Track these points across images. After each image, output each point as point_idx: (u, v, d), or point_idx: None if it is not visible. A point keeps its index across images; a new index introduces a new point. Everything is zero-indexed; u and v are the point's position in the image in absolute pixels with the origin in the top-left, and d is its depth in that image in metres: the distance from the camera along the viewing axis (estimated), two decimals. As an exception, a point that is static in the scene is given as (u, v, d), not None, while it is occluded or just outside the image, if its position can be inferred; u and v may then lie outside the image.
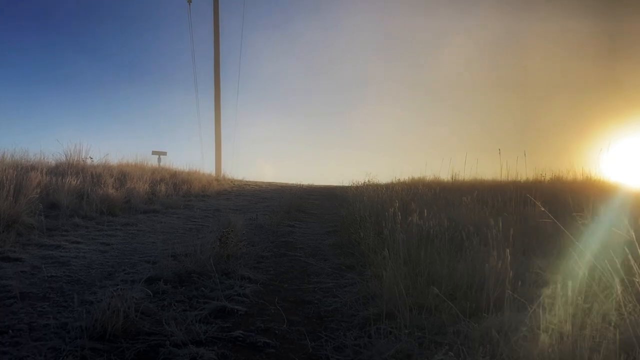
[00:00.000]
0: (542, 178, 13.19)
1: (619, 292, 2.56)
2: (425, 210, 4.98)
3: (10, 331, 3.02)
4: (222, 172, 20.61)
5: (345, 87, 35.56)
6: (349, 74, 35.16)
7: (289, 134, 35.64)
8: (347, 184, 20.39)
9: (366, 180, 18.99)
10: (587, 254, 3.05)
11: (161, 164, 19.07)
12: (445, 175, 16.87)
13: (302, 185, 20.28)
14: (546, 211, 4.22)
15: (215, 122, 21.41)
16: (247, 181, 19.80)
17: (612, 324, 2.50)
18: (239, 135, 29.12)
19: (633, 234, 2.82)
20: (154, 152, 19.81)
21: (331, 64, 35.54)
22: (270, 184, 19.80)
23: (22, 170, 8.47)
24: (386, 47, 33.22)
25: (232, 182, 18.20)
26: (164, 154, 19.99)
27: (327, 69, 35.75)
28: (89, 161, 14.27)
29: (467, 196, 7.55)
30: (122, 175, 12.24)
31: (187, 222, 8.36)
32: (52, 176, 8.99)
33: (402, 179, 18.22)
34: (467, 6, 28.31)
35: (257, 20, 32.39)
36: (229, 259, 5.10)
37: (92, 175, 10.75)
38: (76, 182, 9.25)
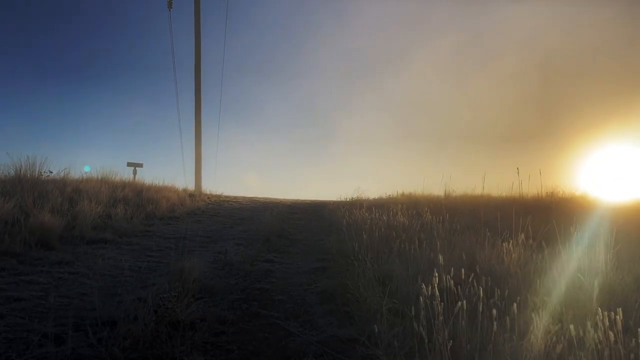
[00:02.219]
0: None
1: None
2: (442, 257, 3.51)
3: None
4: (201, 185, 18.98)
5: (329, 99, 34.25)
6: (334, 86, 33.86)
7: (272, 147, 34.12)
8: (333, 199, 19.03)
9: (354, 196, 17.69)
10: None
11: (137, 176, 17.52)
12: (432, 189, 15.83)
13: (286, 200, 18.74)
14: None
15: (196, 133, 19.73)
16: (226, 196, 18.17)
17: None
18: (222, 148, 27.52)
19: None
20: (129, 164, 18.22)
21: (317, 73, 34.24)
22: (252, 199, 18.20)
23: None
24: (374, 60, 32.03)
25: (209, 198, 16.56)
26: (140, 165, 18.36)
27: (312, 80, 34.43)
28: (45, 176, 12.75)
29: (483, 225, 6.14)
30: (76, 193, 10.58)
31: (140, 256, 6.75)
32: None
33: (392, 195, 16.95)
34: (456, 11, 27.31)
35: (239, 31, 30.93)
36: (175, 330, 3.56)
37: (38, 195, 9.09)
38: (9, 205, 7.61)
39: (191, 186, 18.48)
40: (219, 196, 17.81)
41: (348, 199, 17.33)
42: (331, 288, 5.08)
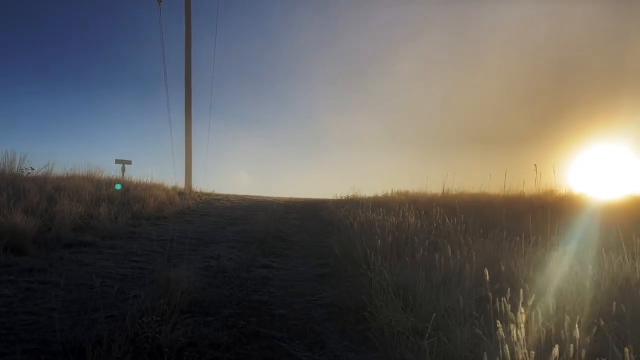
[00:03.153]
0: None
1: None
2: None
3: None
4: (192, 183, 18.24)
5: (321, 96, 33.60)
6: (319, 83, 33.21)
7: (264, 145, 33.44)
8: (327, 197, 18.40)
9: (350, 195, 17.11)
10: None
11: (126, 174, 16.82)
12: (425, 188, 15.53)
13: (279, 199, 18.07)
14: None
15: (186, 129, 18.96)
16: (217, 195, 17.46)
17: None
18: (213, 146, 26.81)
19: None
20: (117, 161, 17.50)
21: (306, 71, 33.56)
22: (243, 198, 17.50)
23: None
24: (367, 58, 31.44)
25: (199, 196, 15.84)
26: (129, 162, 17.62)
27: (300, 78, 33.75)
28: (26, 173, 12.02)
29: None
30: (57, 191, 9.85)
31: (123, 262, 6.07)
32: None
33: (388, 193, 16.40)
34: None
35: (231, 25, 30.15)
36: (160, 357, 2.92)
37: (13, 193, 8.36)
38: (-22, 205, 6.90)
39: (181, 184, 17.78)
40: (210, 194, 17.11)
41: (344, 198, 16.84)
42: (339, 301, 4.45)
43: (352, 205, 11.88)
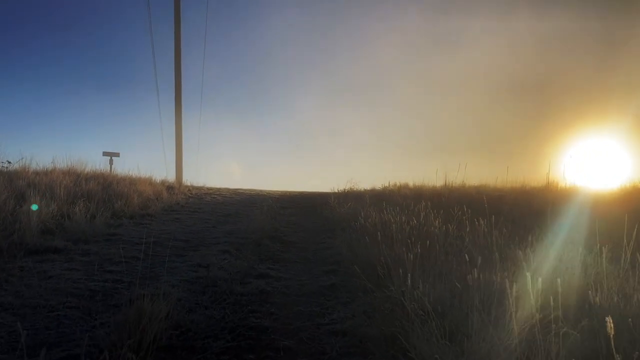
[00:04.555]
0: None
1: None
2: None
3: None
4: (182, 177, 17.31)
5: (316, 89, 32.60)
6: (318, 75, 32.20)
7: (257, 137, 32.45)
8: (323, 190, 17.54)
9: (347, 188, 16.29)
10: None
11: (114, 167, 15.96)
12: (420, 180, 14.97)
13: (273, 192, 17.17)
14: None
15: (176, 119, 17.90)
16: (208, 188, 16.48)
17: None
18: (205, 139, 25.77)
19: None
20: (105, 153, 16.61)
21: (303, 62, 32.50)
22: (236, 191, 16.56)
23: None
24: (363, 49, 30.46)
25: (190, 191, 14.88)
26: (117, 155, 16.72)
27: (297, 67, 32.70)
28: (2, 167, 11.08)
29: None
30: (30, 187, 8.88)
31: (96, 273, 5.15)
32: None
33: (387, 186, 15.64)
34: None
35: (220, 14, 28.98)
36: None
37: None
38: None
39: (172, 177, 16.87)
40: (200, 188, 16.14)
41: (341, 191, 16.05)
42: (357, 327, 3.59)
43: (353, 199, 11.03)
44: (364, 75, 30.62)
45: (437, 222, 5.06)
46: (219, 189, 16.74)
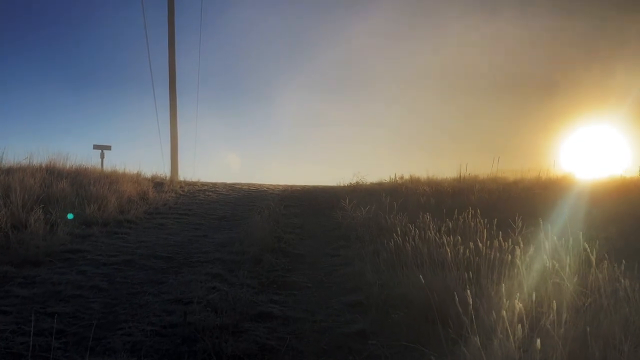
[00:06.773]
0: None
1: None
2: None
3: None
4: (178, 171, 15.88)
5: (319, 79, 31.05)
6: (322, 66, 30.58)
7: (255, 129, 31.00)
8: (328, 184, 16.13)
9: (353, 181, 14.93)
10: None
11: (105, 161, 14.75)
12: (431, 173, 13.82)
13: (274, 188, 15.66)
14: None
15: (171, 112, 16.32)
16: (203, 184, 14.99)
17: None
18: (201, 132, 24.28)
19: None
20: (95, 147, 15.36)
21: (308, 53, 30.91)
22: (232, 187, 15.03)
23: None
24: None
25: (182, 187, 13.39)
26: (108, 148, 15.42)
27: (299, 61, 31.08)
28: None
29: None
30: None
31: (31, 318, 3.66)
32: None
33: (395, 179, 14.39)
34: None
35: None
36: None
37: None
38: None
39: (166, 172, 15.45)
40: (194, 184, 14.65)
41: (347, 185, 14.72)
42: None
43: (365, 195, 9.57)
44: (359, 73, 29.28)
45: (505, 245, 3.57)
46: (214, 184, 15.25)
